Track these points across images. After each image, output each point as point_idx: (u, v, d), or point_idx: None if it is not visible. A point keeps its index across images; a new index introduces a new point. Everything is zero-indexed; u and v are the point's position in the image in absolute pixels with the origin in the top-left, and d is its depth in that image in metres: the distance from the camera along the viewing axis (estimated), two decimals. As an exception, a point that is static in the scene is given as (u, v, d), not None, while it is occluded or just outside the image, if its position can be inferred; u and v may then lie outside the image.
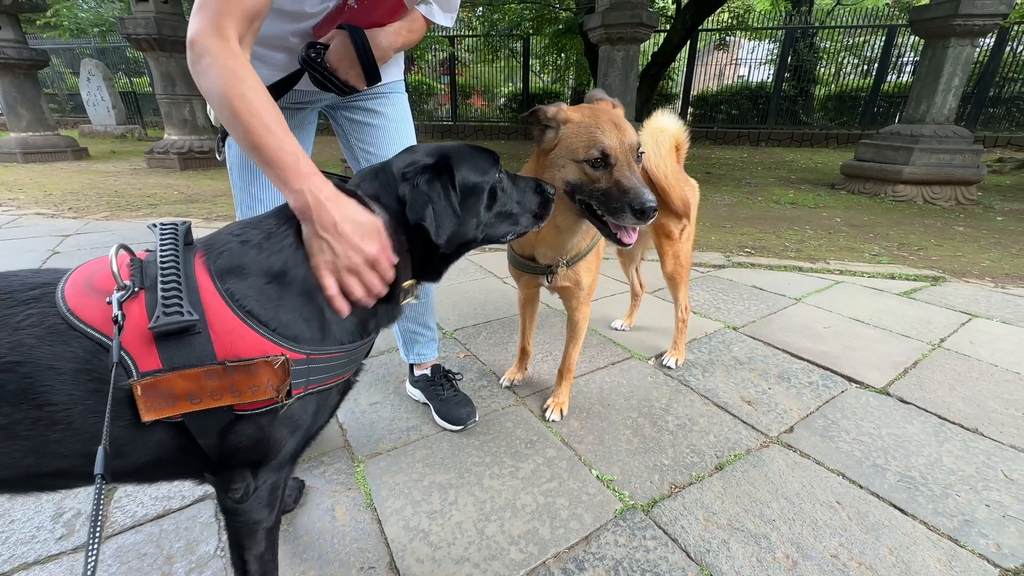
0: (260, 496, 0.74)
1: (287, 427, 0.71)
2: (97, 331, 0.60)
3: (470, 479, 1.25)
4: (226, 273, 0.67)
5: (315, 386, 0.71)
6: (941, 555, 1.03)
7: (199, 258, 0.68)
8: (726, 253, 3.17)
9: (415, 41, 1.17)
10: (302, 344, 0.68)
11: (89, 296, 0.62)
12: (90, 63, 10.76)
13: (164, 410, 0.61)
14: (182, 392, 0.61)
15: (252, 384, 0.64)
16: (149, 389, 0.59)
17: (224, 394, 0.63)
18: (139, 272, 0.65)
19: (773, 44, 11.82)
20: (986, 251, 3.29)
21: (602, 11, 5.31)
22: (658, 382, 1.69)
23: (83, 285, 0.63)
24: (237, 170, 1.17)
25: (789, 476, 1.25)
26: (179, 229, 0.71)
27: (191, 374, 0.61)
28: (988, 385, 1.65)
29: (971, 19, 4.42)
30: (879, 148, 5.19)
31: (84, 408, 0.59)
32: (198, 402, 0.62)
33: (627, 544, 1.06)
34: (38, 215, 4.07)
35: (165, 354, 0.61)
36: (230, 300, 0.65)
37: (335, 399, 0.80)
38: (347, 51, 1.02)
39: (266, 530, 0.77)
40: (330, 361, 0.71)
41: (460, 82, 13.37)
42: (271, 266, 0.70)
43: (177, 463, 0.70)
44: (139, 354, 0.60)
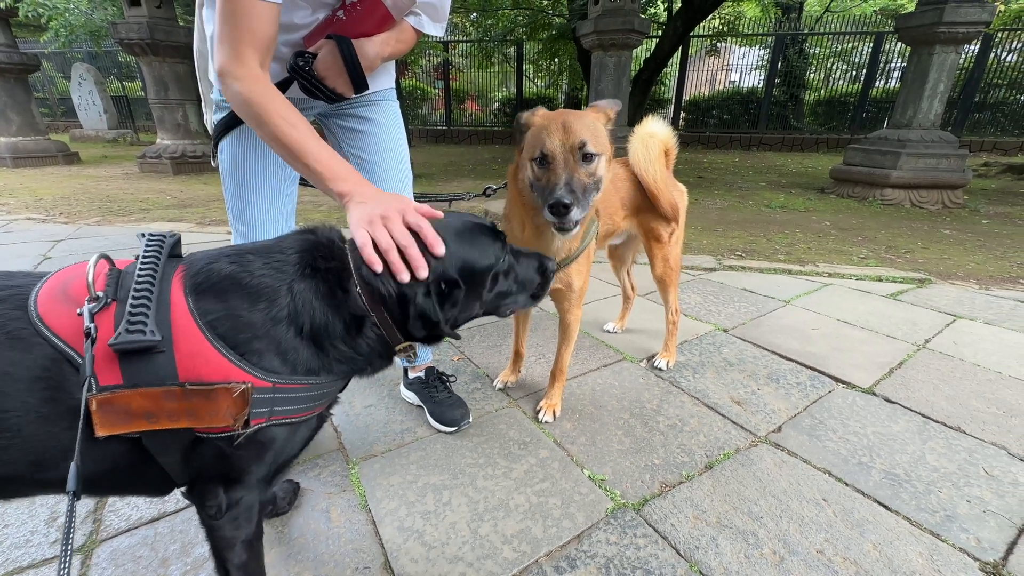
0: (234, 515, 0.73)
1: (252, 453, 0.69)
2: (62, 340, 0.59)
3: (464, 480, 1.26)
4: (204, 292, 0.65)
5: (280, 418, 0.68)
6: (923, 549, 1.06)
7: (179, 273, 0.67)
8: (717, 256, 3.21)
9: (404, 51, 1.20)
10: (270, 373, 0.66)
11: (61, 304, 0.61)
12: (81, 67, 10.71)
13: (119, 427, 0.59)
14: (139, 410, 0.60)
15: (210, 409, 0.62)
16: (105, 404, 0.58)
17: (182, 416, 0.61)
18: (115, 283, 0.64)
19: (764, 50, 11.99)
20: (971, 254, 3.36)
21: (594, 17, 5.37)
22: (649, 383, 1.71)
23: (57, 292, 0.62)
24: (229, 175, 1.19)
25: (777, 474, 1.28)
26: (166, 241, 0.70)
27: (150, 393, 0.59)
28: (971, 384, 1.69)
29: (955, 27, 4.52)
30: (867, 153, 5.27)
31: (36, 416, 0.58)
32: (155, 422, 0.61)
33: (618, 542, 1.08)
34: (28, 220, 4.05)
35: (126, 370, 0.59)
36: (201, 320, 0.63)
37: (305, 432, 0.77)
38: (335, 60, 1.04)
39: (245, 542, 0.77)
40: (298, 393, 0.69)
41: (454, 87, 13.43)
42: (258, 291, 0.67)
43: (135, 478, 0.69)
44: (100, 368, 0.59)
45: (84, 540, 1.06)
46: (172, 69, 6.63)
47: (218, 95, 1.14)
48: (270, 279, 0.69)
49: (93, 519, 1.12)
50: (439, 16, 1.21)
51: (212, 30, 1.05)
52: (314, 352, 0.71)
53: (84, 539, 1.07)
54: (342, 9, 1.06)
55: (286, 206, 1.25)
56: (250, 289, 0.68)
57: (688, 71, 11.81)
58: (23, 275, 0.64)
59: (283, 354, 0.68)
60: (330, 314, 0.72)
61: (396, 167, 1.32)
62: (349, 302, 0.73)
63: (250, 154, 1.15)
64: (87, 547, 1.05)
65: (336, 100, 1.11)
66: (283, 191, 1.23)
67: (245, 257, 0.71)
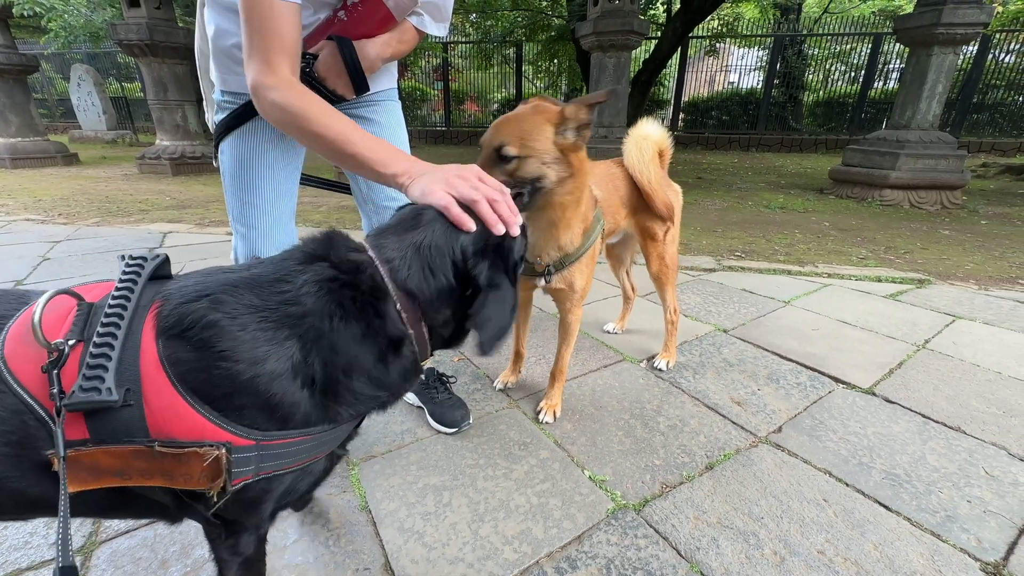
0: (232, 543, 0.69)
1: (243, 508, 0.63)
2: (26, 391, 0.53)
3: (464, 481, 1.26)
4: (177, 336, 0.56)
5: (270, 472, 0.60)
6: (924, 550, 1.06)
7: (153, 310, 0.58)
8: (717, 257, 3.21)
9: (406, 51, 1.19)
10: (253, 430, 0.57)
11: (27, 346, 0.54)
12: (80, 68, 10.70)
13: (90, 483, 0.54)
14: (108, 468, 0.53)
15: (183, 472, 0.55)
16: (72, 462, 0.52)
17: (155, 475, 0.55)
18: (83, 320, 0.56)
19: (762, 51, 12.01)
20: (970, 254, 3.36)
21: (593, 19, 5.38)
22: (650, 384, 1.71)
23: (26, 331, 0.55)
24: (230, 176, 1.18)
25: (777, 475, 1.28)
26: (145, 266, 0.61)
27: (117, 452, 0.53)
28: (971, 385, 1.69)
29: (953, 28, 4.53)
30: (866, 153, 5.28)
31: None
32: (127, 479, 0.55)
33: (619, 543, 1.08)
34: (27, 221, 4.04)
35: (92, 425, 0.53)
36: (171, 371, 0.55)
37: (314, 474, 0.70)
38: (335, 62, 1.04)
39: (245, 560, 0.73)
40: (291, 447, 0.60)
41: (453, 88, 13.43)
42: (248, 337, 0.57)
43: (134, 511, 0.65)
44: (66, 421, 0.52)
45: (84, 542, 1.06)
46: (171, 70, 6.62)
47: (219, 95, 1.13)
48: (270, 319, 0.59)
49: (92, 520, 1.12)
50: (442, 16, 1.20)
51: (213, 30, 1.05)
52: (319, 403, 0.61)
53: (83, 541, 1.06)
54: (343, 9, 1.05)
55: (287, 207, 1.25)
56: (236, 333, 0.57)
57: (687, 72, 11.83)
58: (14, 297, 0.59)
59: (272, 409, 0.58)
60: (358, 353, 0.62)
61: None
62: (387, 327, 0.63)
63: (251, 155, 1.15)
64: (86, 548, 1.05)
65: (337, 102, 1.10)
66: (284, 192, 1.23)
67: (237, 292, 0.60)
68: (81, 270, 2.84)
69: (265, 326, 0.58)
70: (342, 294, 0.62)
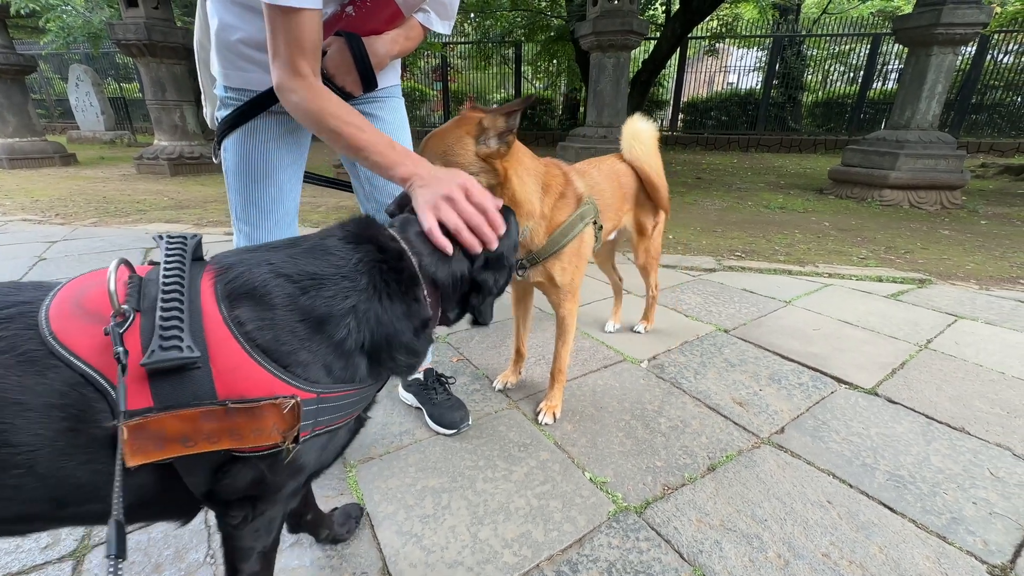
0: (257, 526, 0.69)
1: (288, 469, 0.65)
2: (83, 362, 0.52)
3: (463, 483, 1.24)
4: (239, 298, 0.59)
5: (323, 427, 0.64)
6: (930, 552, 1.04)
7: (208, 278, 0.60)
8: (717, 257, 3.20)
9: (412, 48, 1.18)
10: (313, 383, 0.61)
11: (77, 319, 0.54)
12: (79, 68, 10.68)
13: (152, 454, 0.53)
14: (174, 434, 0.53)
15: (255, 428, 0.56)
16: (137, 431, 0.51)
17: (222, 437, 0.55)
18: (137, 292, 0.57)
19: (761, 52, 12.01)
20: (971, 254, 3.35)
21: (593, 19, 5.37)
22: (650, 385, 1.70)
23: (71, 305, 0.55)
24: (234, 174, 1.16)
25: (780, 476, 1.26)
26: (188, 243, 0.64)
27: (187, 415, 0.53)
28: (974, 385, 1.68)
29: (953, 28, 4.53)
30: (866, 154, 5.27)
31: (52, 451, 0.51)
32: (192, 445, 0.55)
33: (620, 546, 1.06)
34: (24, 221, 4.02)
35: (158, 391, 0.53)
36: (237, 331, 0.57)
37: (344, 438, 0.75)
38: (344, 58, 1.03)
39: (262, 553, 0.73)
40: (341, 400, 0.65)
41: (453, 88, 13.43)
42: (310, 303, 0.62)
43: (160, 507, 0.64)
44: (128, 389, 0.52)
45: (75, 545, 1.04)
46: (169, 70, 6.60)
47: (222, 91, 1.11)
48: (329, 287, 0.64)
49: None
50: (447, 13, 1.19)
51: (217, 24, 1.03)
52: (368, 364, 0.68)
53: (75, 544, 1.05)
54: (351, 5, 1.04)
55: (291, 206, 1.23)
56: (298, 297, 0.62)
57: (686, 72, 11.84)
58: (32, 287, 0.57)
59: (331, 367, 0.63)
60: (401, 328, 0.70)
61: None
62: (421, 310, 0.72)
63: (256, 153, 1.13)
64: (78, 552, 1.03)
65: (345, 99, 1.09)
66: (288, 191, 1.21)
67: (295, 261, 0.65)
68: (78, 270, 2.81)
69: (325, 292, 0.64)
70: (389, 276, 0.70)
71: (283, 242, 0.71)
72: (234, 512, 0.66)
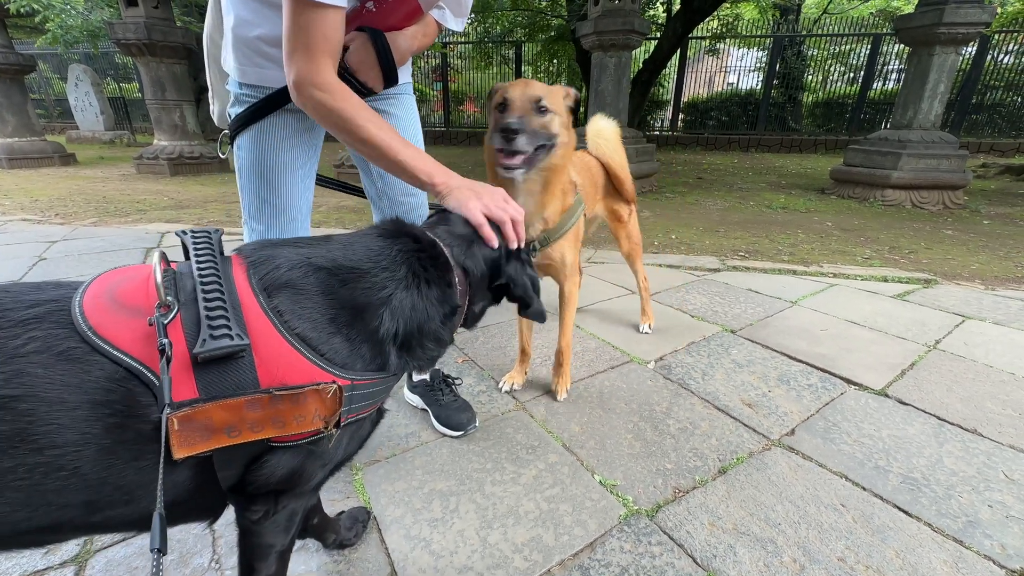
0: (278, 520, 0.69)
1: (320, 459, 0.66)
2: (128, 355, 0.52)
3: (471, 486, 1.22)
4: (277, 289, 0.61)
5: (354, 415, 0.65)
6: (947, 557, 1.03)
7: (240, 271, 0.61)
8: (720, 257, 3.19)
9: (428, 44, 1.18)
10: (348, 370, 0.62)
11: (115, 313, 0.54)
12: (78, 68, 10.65)
13: (198, 445, 0.53)
14: (220, 424, 0.54)
15: (298, 414, 0.57)
16: (185, 422, 0.52)
17: (265, 426, 0.56)
18: (174, 285, 0.58)
19: (762, 52, 12.00)
20: (975, 254, 3.34)
21: (594, 18, 5.35)
22: (658, 386, 1.68)
23: (106, 299, 0.55)
24: (247, 173, 1.14)
25: (792, 479, 1.25)
26: (214, 237, 0.65)
27: (232, 404, 0.54)
28: (984, 386, 1.67)
29: (955, 27, 4.52)
30: (867, 153, 5.26)
31: (98, 449, 0.50)
32: (236, 435, 0.55)
33: (633, 550, 1.04)
34: (24, 221, 3.99)
35: (203, 381, 0.53)
36: (278, 321, 0.59)
37: (367, 429, 0.76)
38: (367, 53, 1.01)
39: (280, 553, 0.74)
40: (371, 388, 0.66)
41: (453, 88, 13.41)
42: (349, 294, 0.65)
43: (191, 505, 0.63)
44: (174, 382, 0.52)
45: (78, 550, 1.02)
46: (169, 70, 6.58)
47: (236, 87, 1.09)
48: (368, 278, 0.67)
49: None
50: (461, 11, 1.19)
51: (233, 20, 1.01)
52: (397, 353, 0.70)
53: (78, 549, 1.03)
54: (372, 1, 1.02)
55: (304, 206, 1.22)
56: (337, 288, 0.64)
57: (687, 72, 11.82)
58: (53, 286, 0.56)
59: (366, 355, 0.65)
60: (432, 315, 0.72)
61: None
62: (452, 297, 0.75)
63: (271, 153, 1.11)
64: (80, 557, 1.01)
65: (366, 95, 1.07)
66: (302, 191, 1.19)
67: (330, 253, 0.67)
68: (78, 270, 2.79)
69: (364, 283, 0.67)
70: (426, 263, 0.73)
71: (315, 239, 0.72)
72: (257, 507, 0.66)
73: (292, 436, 0.59)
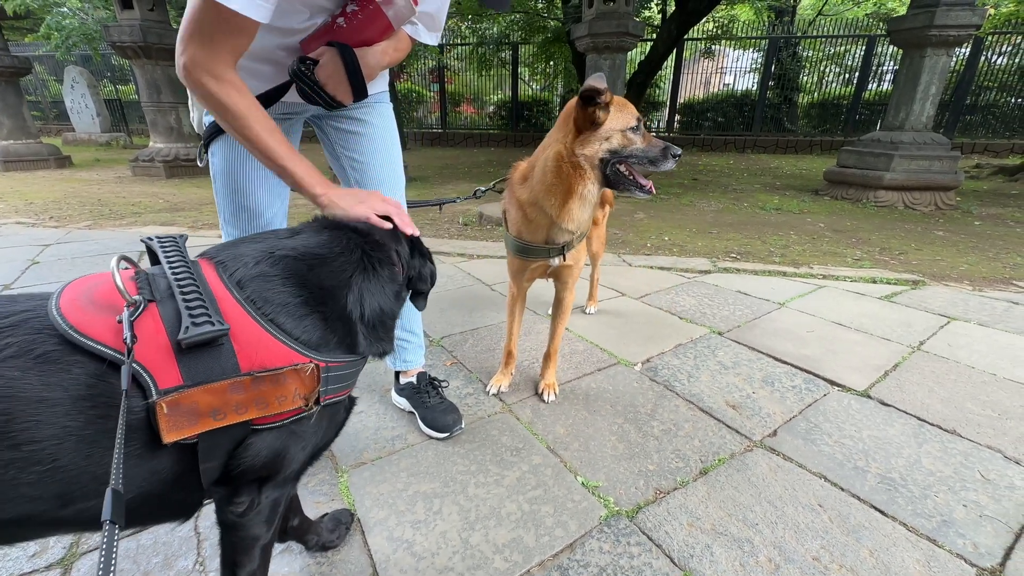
0: (262, 511, 0.72)
1: (301, 440, 0.69)
2: (110, 348, 0.55)
3: (455, 488, 1.24)
4: (249, 282, 0.66)
5: (330, 396, 0.69)
6: (920, 556, 1.04)
7: (210, 270, 0.66)
8: (712, 258, 3.21)
9: (400, 59, 1.20)
10: (321, 352, 0.67)
11: (93, 312, 0.57)
12: (74, 70, 10.64)
13: (186, 429, 0.57)
14: (206, 408, 0.58)
15: (279, 395, 0.62)
16: (173, 407, 0.55)
17: (249, 407, 0.61)
18: (146, 285, 0.62)
19: (757, 53, 12.04)
20: (964, 255, 3.37)
21: (589, 20, 5.38)
22: (644, 388, 1.70)
23: (83, 301, 0.58)
24: (222, 178, 1.17)
25: (772, 480, 1.27)
26: (179, 241, 0.70)
27: (216, 387, 0.58)
28: (966, 387, 1.69)
29: (946, 30, 4.55)
30: (860, 155, 5.29)
31: (78, 440, 0.53)
32: (222, 417, 0.59)
33: (611, 551, 1.06)
34: (18, 224, 4.00)
35: (186, 368, 0.57)
36: (252, 309, 0.63)
37: (342, 416, 0.80)
38: (336, 68, 1.03)
39: (262, 547, 0.76)
40: (344, 369, 0.71)
41: (450, 90, 13.41)
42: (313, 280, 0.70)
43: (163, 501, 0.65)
44: (158, 370, 0.56)
45: (64, 553, 1.04)
46: (165, 72, 6.59)
47: None
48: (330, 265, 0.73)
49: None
50: (435, 26, 1.21)
51: None
52: (366, 333, 0.75)
53: (64, 552, 1.04)
54: (342, 16, 1.04)
55: (279, 208, 1.24)
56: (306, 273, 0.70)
57: (682, 74, 11.84)
58: (26, 299, 0.59)
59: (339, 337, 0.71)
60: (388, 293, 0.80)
61: (389, 168, 1.32)
62: (397, 276, 0.83)
63: (244, 157, 1.14)
64: (66, 560, 1.02)
65: (335, 107, 1.09)
66: (276, 194, 1.22)
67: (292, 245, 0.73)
68: (71, 274, 2.80)
69: (328, 268, 0.72)
70: (374, 250, 0.79)
71: (267, 233, 0.77)
72: (241, 498, 0.69)
73: (275, 416, 0.63)
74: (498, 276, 2.78)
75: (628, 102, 1.27)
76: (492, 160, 9.22)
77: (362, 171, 1.29)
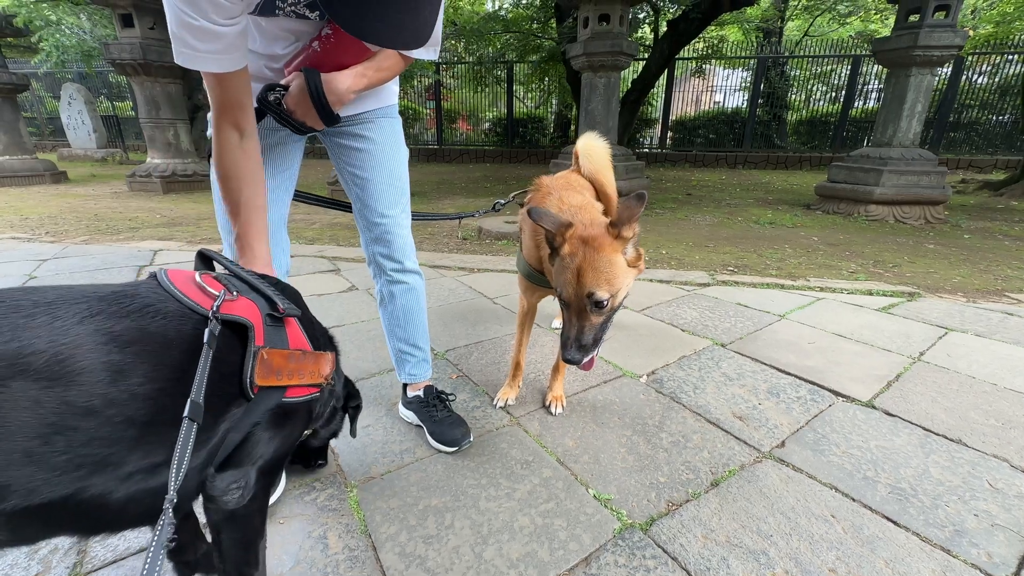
0: (257, 496, 0.78)
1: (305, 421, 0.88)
2: (231, 316, 0.73)
3: (466, 502, 1.23)
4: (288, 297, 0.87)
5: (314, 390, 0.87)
6: (936, 566, 1.04)
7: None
8: (710, 272, 3.24)
9: (388, 78, 1.18)
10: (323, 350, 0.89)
11: (198, 293, 0.74)
12: (72, 87, 10.69)
13: (267, 380, 0.74)
14: (276, 367, 0.76)
15: (312, 370, 0.83)
16: (264, 359, 0.74)
17: (294, 375, 0.79)
18: (227, 281, 0.81)
19: (746, 72, 12.35)
20: (956, 267, 3.43)
21: (584, 40, 5.50)
22: (650, 399, 1.70)
23: (192, 286, 0.75)
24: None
25: (784, 491, 1.26)
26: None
27: (282, 353, 0.77)
28: (968, 397, 1.70)
29: (930, 50, 4.71)
30: (851, 170, 5.41)
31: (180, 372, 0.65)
32: (280, 378, 0.77)
33: (627, 564, 1.05)
34: (13, 239, 3.96)
35: (267, 336, 0.77)
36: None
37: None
38: (303, 95, 1.03)
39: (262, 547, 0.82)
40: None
41: (445, 107, 13.60)
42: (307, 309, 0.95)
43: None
44: (256, 332, 0.75)
45: (67, 573, 1.01)
46: (164, 89, 6.63)
47: None
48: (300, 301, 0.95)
49: (77, 550, 1.06)
50: (432, 41, 1.21)
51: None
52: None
53: (67, 572, 1.01)
54: (318, 40, 1.05)
55: (277, 214, 1.24)
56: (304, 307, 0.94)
57: (674, 92, 12.12)
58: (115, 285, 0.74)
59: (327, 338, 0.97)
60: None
61: (391, 184, 1.32)
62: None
63: None
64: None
65: (306, 132, 1.12)
66: (275, 200, 1.22)
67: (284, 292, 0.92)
68: (68, 289, 2.77)
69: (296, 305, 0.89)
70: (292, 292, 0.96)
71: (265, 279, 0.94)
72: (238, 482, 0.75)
73: (303, 389, 0.82)
74: (500, 290, 2.79)
75: (569, 268, 1.12)
76: (488, 176, 9.30)
77: (363, 187, 1.30)
